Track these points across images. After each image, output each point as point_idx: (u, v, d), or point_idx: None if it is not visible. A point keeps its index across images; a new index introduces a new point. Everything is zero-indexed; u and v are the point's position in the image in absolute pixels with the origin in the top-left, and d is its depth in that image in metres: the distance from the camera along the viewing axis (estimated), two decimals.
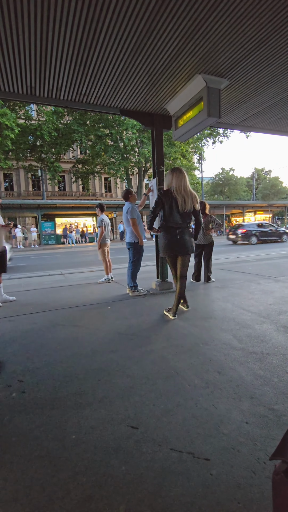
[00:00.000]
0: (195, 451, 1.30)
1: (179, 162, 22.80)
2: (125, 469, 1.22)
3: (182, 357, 2.24)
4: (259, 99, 4.20)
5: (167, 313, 3.32)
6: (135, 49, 2.91)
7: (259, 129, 5.50)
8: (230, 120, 4.98)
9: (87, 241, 23.56)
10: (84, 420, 1.55)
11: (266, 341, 2.47)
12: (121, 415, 1.57)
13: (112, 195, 35.44)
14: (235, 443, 1.34)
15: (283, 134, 5.84)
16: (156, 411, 1.60)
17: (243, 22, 2.59)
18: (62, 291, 4.97)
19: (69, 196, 33.35)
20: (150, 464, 1.24)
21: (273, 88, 3.88)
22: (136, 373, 2.03)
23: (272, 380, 1.86)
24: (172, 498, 1.08)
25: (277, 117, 4.92)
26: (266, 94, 4.03)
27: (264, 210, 30.27)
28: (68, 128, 20.29)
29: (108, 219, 5.71)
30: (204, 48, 2.93)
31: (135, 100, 4.01)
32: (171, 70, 3.31)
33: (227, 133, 24.59)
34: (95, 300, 4.19)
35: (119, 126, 20.04)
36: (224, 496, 1.08)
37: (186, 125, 3.79)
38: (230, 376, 1.93)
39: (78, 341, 2.68)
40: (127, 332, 2.85)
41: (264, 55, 3.12)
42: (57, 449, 1.35)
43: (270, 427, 1.43)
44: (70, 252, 15.47)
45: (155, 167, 4.54)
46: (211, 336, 2.64)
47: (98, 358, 2.30)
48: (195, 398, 1.70)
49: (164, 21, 2.53)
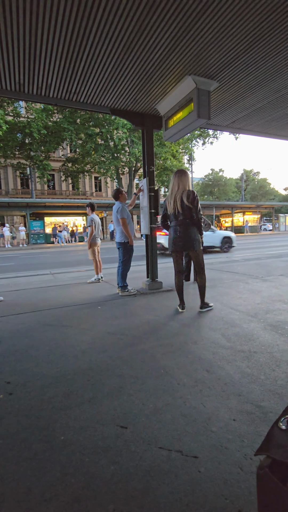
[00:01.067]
0: (184, 449, 1.31)
1: (169, 163, 22.92)
2: (114, 469, 1.22)
3: (171, 356, 2.26)
4: (247, 102, 4.27)
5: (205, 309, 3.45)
6: (126, 49, 2.91)
7: (247, 131, 5.59)
8: (219, 121, 5.04)
9: (77, 240, 23.36)
10: (73, 420, 1.54)
11: (254, 340, 2.52)
12: (110, 415, 1.57)
13: (103, 195, 35.27)
14: (223, 440, 1.36)
15: (271, 137, 5.95)
16: (146, 410, 1.60)
17: (232, 25, 2.63)
18: (51, 291, 4.91)
19: (59, 195, 32.98)
20: (139, 463, 1.25)
21: (261, 91, 3.95)
22: (125, 372, 2.03)
23: (259, 378, 1.90)
24: (160, 496, 1.09)
25: (264, 120, 5.02)
26: (254, 97, 4.10)
27: (253, 211, 30.79)
28: (57, 126, 20.07)
29: (98, 218, 5.68)
30: (194, 50, 2.96)
31: (125, 99, 4.01)
32: (161, 70, 3.32)
33: (216, 134, 24.90)
34: (85, 300, 4.16)
35: (110, 125, 19.98)
36: (212, 493, 1.10)
37: (176, 126, 3.82)
38: (218, 375, 1.96)
39: (67, 341, 2.66)
40: (117, 331, 2.84)
41: (252, 59, 3.18)
42: (45, 451, 1.34)
43: (257, 424, 1.46)
44: (60, 252, 15.30)
45: (145, 167, 4.55)
46: (200, 335, 2.67)
47: (87, 358, 2.29)
48: (184, 397, 1.72)
49: (154, 22, 2.54)
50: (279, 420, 0.60)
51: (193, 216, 3.28)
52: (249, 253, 11.00)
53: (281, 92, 3.98)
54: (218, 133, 24.65)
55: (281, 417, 0.60)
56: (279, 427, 0.58)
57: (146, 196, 4.54)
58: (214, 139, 25.07)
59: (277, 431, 0.58)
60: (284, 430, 0.57)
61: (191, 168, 27.82)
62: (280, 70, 3.43)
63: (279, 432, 0.57)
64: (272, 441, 0.57)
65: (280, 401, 1.64)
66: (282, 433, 0.56)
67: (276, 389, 1.76)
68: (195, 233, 3.32)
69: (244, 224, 29.61)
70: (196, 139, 25.36)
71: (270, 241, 18.41)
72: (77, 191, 33.56)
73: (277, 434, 0.57)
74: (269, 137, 5.98)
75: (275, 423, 0.60)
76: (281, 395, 1.70)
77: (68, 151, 29.48)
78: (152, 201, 4.52)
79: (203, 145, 25.71)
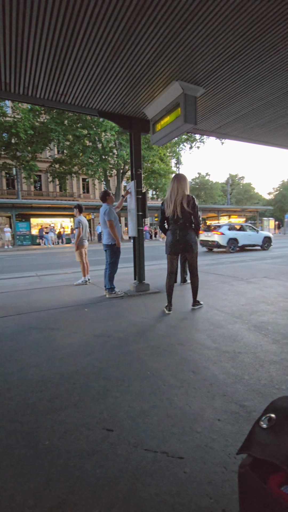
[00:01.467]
0: (169, 450, 1.32)
1: (157, 166, 23.08)
2: (100, 472, 1.21)
3: (158, 358, 2.27)
4: (233, 108, 4.37)
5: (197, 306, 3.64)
6: (114, 52, 2.92)
7: (233, 136, 5.72)
8: (206, 126, 5.13)
9: (64, 242, 23.07)
10: (58, 425, 1.52)
11: (238, 340, 2.57)
12: (96, 418, 1.56)
13: (90, 196, 35.04)
14: (208, 440, 1.38)
15: (255, 143, 6.12)
16: (132, 412, 1.60)
17: (217, 34, 2.70)
18: (37, 294, 4.83)
19: (46, 196, 32.49)
20: (125, 466, 1.24)
21: (246, 99, 4.07)
22: (112, 375, 2.03)
23: (243, 378, 1.93)
24: (146, 499, 1.09)
25: (249, 126, 5.16)
26: (239, 103, 4.21)
27: (238, 214, 31.41)
28: (45, 126, 19.80)
29: (86, 220, 5.64)
30: (181, 56, 3.01)
31: (113, 102, 4.02)
32: (149, 75, 3.36)
33: (203, 139, 25.28)
34: (71, 302, 4.11)
35: (98, 127, 19.91)
36: (197, 493, 1.11)
37: (164, 130, 3.86)
38: (204, 375, 1.98)
39: (53, 344, 2.62)
40: (103, 334, 2.83)
41: (237, 67, 3.27)
42: (29, 457, 1.31)
43: (241, 423, 1.49)
44: (46, 253, 15.05)
45: (133, 169, 4.57)
46: (187, 337, 2.70)
47: (73, 361, 2.26)
48: (170, 398, 1.73)
49: (142, 27, 2.57)
50: (260, 419, 0.62)
51: (192, 220, 3.42)
52: (234, 255, 11.21)
53: (264, 100, 4.11)
54: (205, 137, 25.04)
55: (262, 416, 0.62)
56: (260, 426, 0.60)
57: (133, 198, 4.55)
58: (201, 143, 25.45)
59: (258, 430, 0.60)
60: (265, 429, 0.58)
61: (178, 171, 28.13)
62: (263, 79, 3.54)
63: (260, 430, 0.59)
64: (253, 440, 0.58)
65: (263, 400, 1.68)
66: (263, 431, 0.58)
67: (260, 388, 1.80)
68: (194, 236, 3.46)
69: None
70: (184, 143, 25.67)
71: None
72: (64, 193, 33.17)
73: (258, 432, 0.59)
74: (254, 143, 6.15)
75: (257, 422, 0.62)
76: (264, 394, 1.74)
77: (55, 152, 29.14)
78: (140, 204, 4.54)
79: (190, 149, 26.04)
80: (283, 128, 5.32)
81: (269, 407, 0.66)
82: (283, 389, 1.79)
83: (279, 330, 2.77)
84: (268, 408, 0.65)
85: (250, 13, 2.45)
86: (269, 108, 4.42)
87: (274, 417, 0.61)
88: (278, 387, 1.81)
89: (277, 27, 2.65)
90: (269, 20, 2.56)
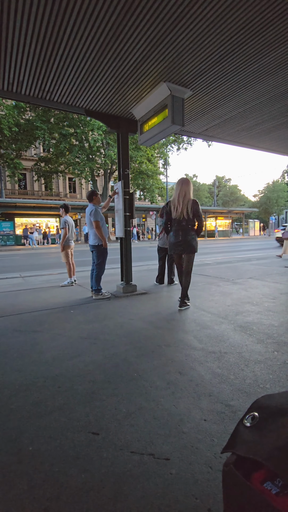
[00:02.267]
0: (156, 452, 1.32)
1: (145, 166, 23.13)
2: (85, 477, 1.19)
3: (144, 360, 2.26)
4: (219, 111, 4.44)
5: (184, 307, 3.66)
6: (101, 51, 2.90)
7: (219, 139, 5.81)
8: (193, 129, 5.19)
9: (50, 242, 22.69)
10: (42, 430, 1.48)
11: (224, 341, 2.60)
12: (81, 422, 1.54)
13: (77, 196, 34.65)
14: (194, 440, 1.38)
15: (241, 146, 6.24)
16: (118, 415, 1.59)
17: (205, 37, 2.73)
18: (21, 295, 4.71)
19: (31, 195, 31.84)
20: (111, 469, 1.23)
21: (232, 102, 4.14)
22: (98, 377, 2.00)
23: (229, 378, 1.96)
24: (132, 502, 1.08)
25: (235, 130, 5.25)
26: (226, 107, 4.28)
27: (224, 216, 31.96)
28: (30, 124, 19.41)
29: (72, 220, 5.57)
30: (169, 57, 3.03)
31: (100, 101, 3.99)
32: (136, 75, 3.35)
33: (190, 140, 25.59)
34: (57, 304, 4.04)
35: (85, 126, 19.72)
36: (183, 493, 1.11)
37: (151, 131, 3.87)
38: (190, 376, 1.99)
39: (38, 347, 2.56)
40: (89, 336, 2.79)
41: (223, 71, 3.32)
42: (11, 464, 1.27)
43: (226, 423, 1.51)
44: (31, 254, 14.75)
45: (120, 169, 4.55)
46: (173, 338, 2.71)
47: (58, 364, 2.22)
48: (157, 400, 1.72)
49: (130, 27, 2.56)
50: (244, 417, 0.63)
51: (194, 222, 3.64)
52: (221, 256, 11.38)
53: (249, 104, 4.19)
54: (192, 139, 25.35)
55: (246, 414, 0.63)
56: (244, 425, 0.60)
57: (121, 199, 4.53)
58: (188, 145, 25.75)
59: (242, 429, 0.60)
60: (249, 427, 0.59)
61: (166, 172, 28.31)
62: (248, 83, 3.62)
63: (244, 429, 0.59)
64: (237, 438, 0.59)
65: (248, 399, 1.70)
66: (247, 430, 0.59)
67: (245, 388, 1.83)
68: (195, 237, 3.64)
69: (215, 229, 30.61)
70: (171, 145, 25.86)
71: (240, 245, 19.22)
72: (50, 192, 32.62)
73: (242, 431, 0.59)
74: (239, 146, 6.27)
75: (241, 420, 0.63)
76: (249, 393, 1.77)
77: (41, 151, 28.63)
78: (127, 204, 4.52)
79: (177, 150, 26.28)
80: (267, 132, 5.45)
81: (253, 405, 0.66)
82: (268, 388, 1.83)
83: (264, 330, 2.83)
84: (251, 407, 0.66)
85: (237, 18, 2.50)
86: (254, 112, 4.51)
87: (257, 415, 0.61)
88: (262, 386, 1.85)
89: (262, 33, 2.71)
90: (255, 26, 2.61)
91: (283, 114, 4.60)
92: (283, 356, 2.27)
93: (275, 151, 6.81)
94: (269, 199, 40.90)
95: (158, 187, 25.70)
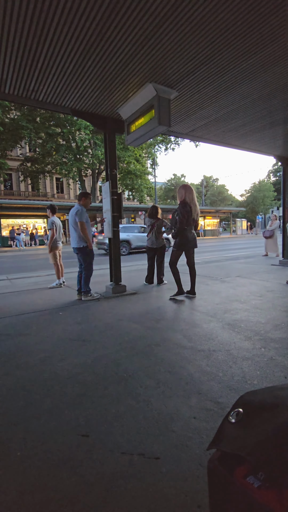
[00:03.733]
0: (146, 452, 1.32)
1: (133, 166, 23.09)
2: (75, 480, 1.18)
3: (134, 360, 2.26)
4: (205, 112, 4.49)
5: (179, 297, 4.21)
6: (86, 50, 2.88)
7: (206, 139, 5.88)
8: (180, 129, 5.22)
9: (37, 243, 22.32)
10: (31, 434, 1.46)
11: (213, 339, 2.64)
12: (71, 425, 1.52)
13: (65, 196, 34.25)
14: (184, 438, 1.40)
15: (227, 146, 6.33)
16: (108, 416, 1.59)
17: (189, 39, 2.76)
18: (7, 298, 4.62)
19: (17, 195, 31.23)
20: (101, 470, 1.23)
21: (217, 103, 4.19)
22: (88, 379, 1.99)
23: (217, 375, 1.99)
24: (122, 503, 1.08)
25: (221, 130, 5.33)
26: (211, 108, 4.33)
27: (212, 215, 32.32)
28: (15, 123, 19.02)
29: (60, 221, 5.50)
30: (154, 58, 3.04)
31: (87, 101, 3.96)
32: (123, 75, 3.35)
33: (178, 141, 25.74)
34: (45, 306, 3.99)
35: (72, 126, 19.50)
36: (173, 492, 1.12)
37: (138, 131, 3.87)
38: (180, 375, 2.01)
39: (26, 350, 2.52)
40: (79, 338, 2.77)
41: (209, 72, 3.36)
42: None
43: (215, 420, 1.53)
44: (18, 256, 14.47)
45: (108, 170, 4.53)
46: (163, 337, 2.72)
47: (47, 367, 2.19)
48: (147, 399, 1.73)
49: (115, 26, 2.56)
50: (229, 414, 0.64)
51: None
52: (209, 255, 11.52)
53: (235, 105, 4.26)
54: (180, 140, 25.51)
55: (231, 411, 0.64)
56: (229, 421, 0.62)
57: (109, 199, 4.51)
58: (176, 145, 25.91)
59: (227, 425, 0.61)
60: (233, 423, 0.60)
61: (154, 172, 28.38)
62: (233, 85, 3.68)
63: (229, 425, 0.61)
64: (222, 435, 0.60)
65: (236, 396, 1.73)
66: (231, 426, 0.60)
67: (233, 384, 1.86)
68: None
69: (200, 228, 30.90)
70: (159, 145, 25.94)
71: (229, 244, 19.50)
72: (37, 192, 32.10)
73: (227, 427, 0.61)
74: (226, 146, 6.36)
75: (226, 417, 0.64)
76: (238, 390, 1.80)
77: (27, 150, 28.12)
78: (115, 205, 4.51)
79: (165, 150, 26.38)
80: (252, 133, 5.55)
81: (238, 401, 0.68)
82: (255, 384, 1.87)
83: (251, 327, 2.88)
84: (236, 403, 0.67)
85: (220, 21, 2.53)
86: (239, 114, 4.59)
87: (241, 411, 0.63)
88: (250, 383, 1.88)
89: (245, 36, 2.76)
90: (238, 29, 2.66)
91: (266, 115, 4.70)
92: (269, 352, 2.32)
93: (260, 152, 6.94)
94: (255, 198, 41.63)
95: (146, 187, 25.71)
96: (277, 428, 0.51)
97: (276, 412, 0.56)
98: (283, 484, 0.43)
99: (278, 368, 2.06)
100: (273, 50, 3.01)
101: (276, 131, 5.48)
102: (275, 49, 2.99)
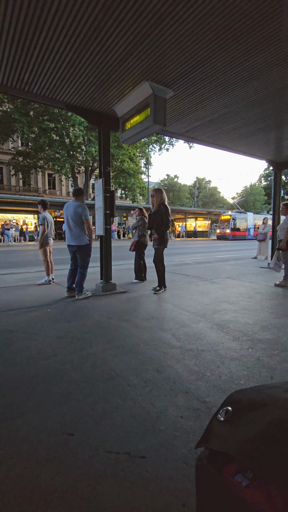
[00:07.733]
0: (132, 451, 1.31)
1: (126, 165, 23.01)
2: (59, 479, 1.16)
3: (122, 358, 2.25)
4: (200, 113, 4.51)
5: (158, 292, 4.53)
6: (82, 45, 2.84)
7: (200, 141, 5.91)
8: (174, 129, 5.23)
9: (27, 239, 21.97)
10: (14, 432, 1.43)
11: (201, 339, 2.65)
12: (57, 423, 1.50)
13: (57, 193, 33.84)
14: (170, 437, 1.40)
15: (221, 148, 6.38)
16: (94, 415, 1.57)
17: (187, 39, 2.76)
18: None
19: (8, 190, 30.68)
20: (86, 470, 1.21)
21: (213, 105, 4.22)
22: (74, 377, 1.96)
23: (205, 375, 2.00)
24: (107, 502, 1.06)
25: (215, 132, 5.36)
26: (206, 109, 4.36)
27: (204, 217, 32.59)
28: (8, 116, 18.64)
29: (51, 217, 5.42)
30: (151, 57, 3.03)
31: (82, 96, 3.91)
32: (119, 72, 3.32)
33: (172, 141, 25.80)
34: (33, 303, 3.92)
35: (66, 121, 19.27)
36: (158, 491, 1.11)
37: (133, 129, 3.85)
38: (168, 374, 2.01)
39: (12, 348, 2.47)
40: (67, 335, 2.74)
41: (204, 73, 3.37)
42: None
43: (202, 419, 1.53)
44: (7, 251, 14.21)
45: (101, 167, 4.49)
46: (152, 336, 2.71)
47: (34, 364, 2.15)
48: (134, 398, 1.72)
49: (111, 25, 2.53)
50: (218, 412, 0.63)
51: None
52: (200, 256, 11.60)
53: (229, 107, 4.30)
54: (174, 140, 25.57)
55: (220, 409, 0.64)
56: (218, 419, 0.61)
57: (101, 196, 4.47)
58: (170, 146, 25.95)
59: (215, 423, 0.61)
60: (222, 422, 0.60)
61: (148, 172, 28.40)
62: (228, 87, 3.71)
63: (218, 423, 0.60)
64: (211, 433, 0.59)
65: (223, 395, 1.74)
66: (220, 424, 0.60)
67: (220, 384, 1.87)
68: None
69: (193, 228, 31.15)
70: (153, 144, 25.94)
71: (219, 245, 19.70)
72: (28, 188, 31.59)
73: (216, 425, 0.60)
74: (220, 149, 6.41)
75: (215, 415, 0.64)
76: (225, 389, 1.81)
77: (19, 144, 27.62)
78: (108, 202, 4.48)
79: (159, 150, 26.43)
80: (245, 137, 5.62)
81: (227, 400, 0.67)
82: (242, 384, 1.88)
83: (239, 328, 2.91)
84: (225, 401, 0.67)
85: (218, 23, 2.54)
86: (233, 116, 4.63)
87: (230, 409, 0.62)
88: (237, 382, 1.90)
89: (242, 39, 2.78)
90: (235, 32, 2.68)
91: (260, 120, 4.76)
92: (257, 353, 2.35)
93: (253, 155, 7.03)
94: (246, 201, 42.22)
95: (139, 186, 25.66)
96: (266, 427, 0.51)
97: (265, 410, 0.55)
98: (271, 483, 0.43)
99: (264, 369, 2.08)
100: (268, 55, 3.05)
101: (269, 135, 5.56)
102: (270, 54, 3.03)
